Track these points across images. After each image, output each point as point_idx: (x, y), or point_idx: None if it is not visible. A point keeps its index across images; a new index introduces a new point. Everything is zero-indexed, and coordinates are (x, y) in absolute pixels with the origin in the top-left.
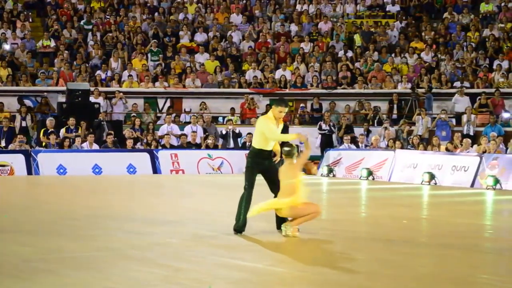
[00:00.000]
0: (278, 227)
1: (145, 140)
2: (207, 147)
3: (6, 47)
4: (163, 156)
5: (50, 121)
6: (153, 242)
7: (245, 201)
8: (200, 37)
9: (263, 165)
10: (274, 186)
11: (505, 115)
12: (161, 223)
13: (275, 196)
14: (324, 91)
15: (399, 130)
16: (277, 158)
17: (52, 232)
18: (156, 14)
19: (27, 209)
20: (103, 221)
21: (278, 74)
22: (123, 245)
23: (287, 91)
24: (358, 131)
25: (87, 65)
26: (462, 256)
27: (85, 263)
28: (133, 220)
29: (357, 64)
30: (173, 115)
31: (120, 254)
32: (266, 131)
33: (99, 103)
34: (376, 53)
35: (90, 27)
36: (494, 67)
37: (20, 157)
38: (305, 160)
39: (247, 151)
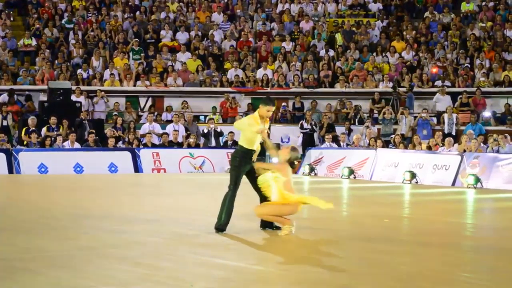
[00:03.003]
0: (262, 226)
1: (126, 139)
2: (189, 146)
3: None
4: (145, 155)
5: (31, 120)
6: (133, 241)
7: (229, 201)
8: (181, 36)
9: (250, 165)
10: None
11: (486, 114)
12: (141, 221)
13: (260, 197)
14: (305, 90)
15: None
16: (254, 158)
17: (31, 231)
18: (137, 13)
19: (6, 208)
20: (83, 220)
21: (260, 73)
22: (102, 243)
23: (268, 90)
24: (340, 130)
25: (68, 64)
26: (442, 255)
27: (64, 262)
28: (113, 218)
29: (338, 63)
30: (155, 113)
31: (100, 252)
32: (254, 130)
33: (80, 102)
34: (357, 52)
35: (72, 26)
36: (475, 66)
37: (1, 156)
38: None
39: (229, 150)
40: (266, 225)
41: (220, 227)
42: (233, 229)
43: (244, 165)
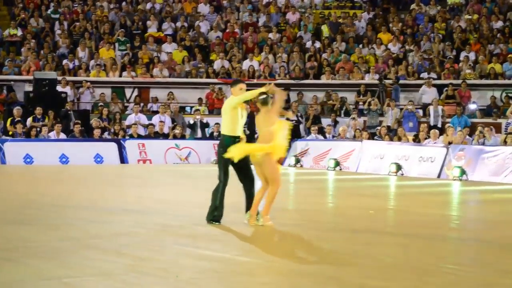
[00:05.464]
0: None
1: (112, 130)
2: (175, 137)
3: None
4: (131, 145)
5: (17, 110)
6: (118, 232)
7: (221, 192)
8: (167, 26)
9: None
10: (245, 175)
11: (472, 107)
12: (127, 212)
13: (244, 187)
14: (291, 81)
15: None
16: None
17: (15, 221)
18: (123, 3)
19: None
20: (67, 211)
21: (246, 64)
22: (87, 234)
23: (255, 81)
24: (326, 121)
25: (54, 54)
26: (427, 246)
27: (48, 252)
28: (98, 209)
29: (324, 55)
30: (141, 104)
31: (84, 243)
32: (234, 101)
33: (66, 93)
34: (343, 44)
35: (57, 16)
36: (461, 58)
37: None
38: (280, 106)
39: (215, 141)
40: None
41: (215, 218)
42: None
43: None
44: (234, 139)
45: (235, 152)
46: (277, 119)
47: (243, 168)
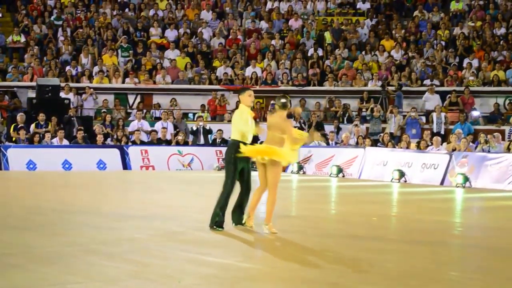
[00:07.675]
0: (235, 223)
1: (115, 136)
2: (177, 144)
3: None
4: (133, 152)
5: (20, 116)
6: (121, 238)
7: (225, 199)
8: (170, 33)
9: (243, 160)
10: (245, 183)
11: (475, 113)
12: (130, 218)
13: (240, 194)
14: (294, 88)
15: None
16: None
17: (20, 227)
18: (126, 10)
19: None
20: (71, 216)
21: (249, 71)
22: (91, 240)
23: (257, 88)
24: (329, 128)
25: (57, 60)
26: (430, 253)
27: (53, 258)
28: (101, 215)
29: (327, 62)
30: (144, 111)
31: (88, 249)
32: (240, 123)
33: (69, 99)
34: (346, 50)
35: (60, 22)
36: (464, 65)
37: None
38: (299, 138)
39: (218, 148)
40: (238, 221)
41: (218, 224)
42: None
43: (239, 160)
44: (244, 145)
45: (247, 150)
46: (289, 128)
47: (245, 177)
